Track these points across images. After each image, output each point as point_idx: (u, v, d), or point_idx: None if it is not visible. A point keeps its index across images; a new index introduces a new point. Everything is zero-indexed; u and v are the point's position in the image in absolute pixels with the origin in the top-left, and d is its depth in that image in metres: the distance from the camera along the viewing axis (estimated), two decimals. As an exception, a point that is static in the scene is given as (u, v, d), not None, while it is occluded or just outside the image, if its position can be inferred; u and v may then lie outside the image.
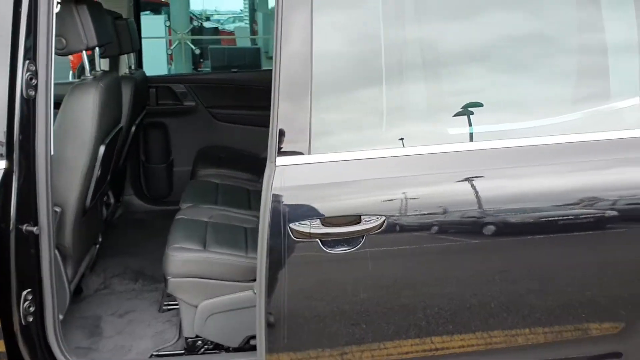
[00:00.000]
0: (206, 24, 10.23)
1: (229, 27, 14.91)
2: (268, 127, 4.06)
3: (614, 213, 1.86)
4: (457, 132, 1.96)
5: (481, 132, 1.96)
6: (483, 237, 1.84)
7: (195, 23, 7.64)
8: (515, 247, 1.88)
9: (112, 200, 3.34)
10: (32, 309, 2.02)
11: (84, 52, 2.36)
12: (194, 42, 7.26)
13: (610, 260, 1.92)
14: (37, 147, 1.98)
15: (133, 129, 3.18)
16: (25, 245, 2.00)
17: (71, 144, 2.27)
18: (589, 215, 1.87)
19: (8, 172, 1.92)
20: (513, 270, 1.90)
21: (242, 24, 15.91)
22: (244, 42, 10.32)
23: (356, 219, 1.78)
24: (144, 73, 3.48)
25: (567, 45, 2.04)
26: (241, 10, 17.94)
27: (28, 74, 1.93)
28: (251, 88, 4.07)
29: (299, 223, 1.76)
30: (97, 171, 2.44)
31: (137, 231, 3.71)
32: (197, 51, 7.01)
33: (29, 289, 2.01)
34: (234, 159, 3.83)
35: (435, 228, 1.82)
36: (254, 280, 2.33)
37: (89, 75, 2.42)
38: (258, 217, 2.86)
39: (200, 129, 4.03)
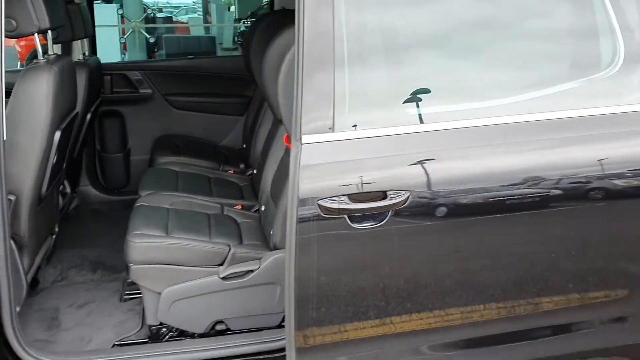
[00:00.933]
0: (159, 15, 10.03)
1: (182, 18, 14.68)
2: (226, 114, 4.07)
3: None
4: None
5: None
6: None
7: (148, 12, 7.49)
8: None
9: (67, 190, 3.25)
10: None
11: (35, 35, 2.27)
12: (147, 31, 7.10)
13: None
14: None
15: (88, 116, 3.09)
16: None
17: (25, 129, 2.19)
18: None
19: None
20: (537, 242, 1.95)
21: (195, 15, 15.67)
22: (197, 32, 10.19)
23: (382, 195, 1.81)
24: (98, 60, 3.39)
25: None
26: (194, 2, 17.66)
27: (-22, 56, 1.86)
28: (208, 75, 4.02)
29: (328, 199, 1.78)
30: (52, 158, 2.36)
31: (95, 222, 3.62)
32: (152, 39, 6.87)
33: (-18, 282, 1.94)
34: (192, 147, 3.77)
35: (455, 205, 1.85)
36: (220, 264, 2.34)
37: (41, 58, 2.33)
38: (221, 204, 2.87)
39: (156, 117, 3.96)
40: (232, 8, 12.73)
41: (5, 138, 1.95)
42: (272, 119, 3.25)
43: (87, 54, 3.31)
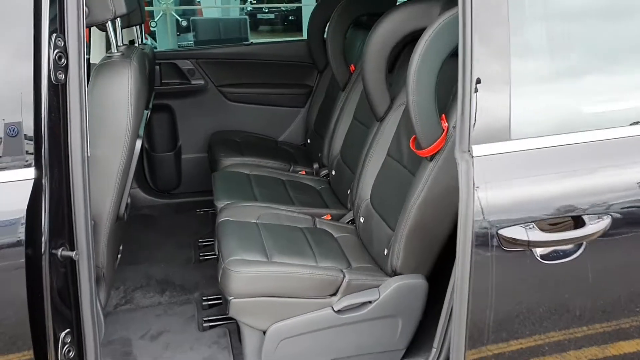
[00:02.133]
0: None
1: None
2: (286, 106, 3.67)
3: None
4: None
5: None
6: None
7: None
8: None
9: (129, 200, 2.87)
10: (71, 354, 1.59)
11: (109, 23, 1.88)
12: (178, 13, 6.61)
13: None
14: (72, 148, 1.53)
15: (147, 114, 2.70)
16: (61, 275, 1.55)
17: (105, 139, 1.81)
18: None
19: (38, 183, 1.46)
20: None
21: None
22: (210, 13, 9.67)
23: (577, 221, 1.47)
24: (152, 47, 2.99)
25: None
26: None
27: (56, 51, 1.46)
28: (265, 63, 3.61)
29: (510, 228, 1.43)
30: (133, 172, 1.99)
31: (149, 231, 3.25)
32: (184, 23, 6.39)
33: (68, 330, 1.58)
34: (254, 145, 3.39)
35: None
36: (332, 295, 1.97)
37: (115, 51, 1.93)
38: (310, 215, 2.50)
39: (210, 110, 3.56)
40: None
41: (89, 154, 1.56)
42: (352, 113, 2.86)
43: (142, 41, 2.90)
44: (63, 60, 1.48)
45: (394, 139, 2.29)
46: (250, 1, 16.10)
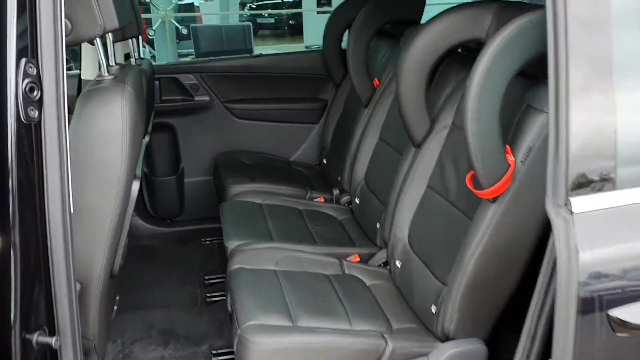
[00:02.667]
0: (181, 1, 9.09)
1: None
2: (298, 122, 3.32)
3: None
4: None
5: None
6: None
7: None
8: None
9: (126, 240, 2.53)
10: None
11: (97, 39, 1.53)
12: (177, 21, 6.23)
13: None
14: (50, 203, 1.18)
15: (147, 139, 2.36)
16: (38, 366, 1.21)
17: (93, 185, 1.46)
18: None
19: (4, 253, 1.12)
20: None
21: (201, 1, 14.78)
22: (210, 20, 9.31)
23: None
24: (150, 62, 2.65)
25: None
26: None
27: (27, 81, 1.12)
28: (276, 75, 3.27)
29: (625, 307, 1.11)
30: (128, 220, 1.64)
31: (149, 265, 2.90)
32: (184, 31, 6.04)
33: None
34: (265, 167, 3.04)
35: None
36: (371, 367, 1.62)
37: (105, 73, 1.59)
38: (336, 257, 2.16)
39: (216, 129, 3.22)
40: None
41: (72, 210, 1.22)
42: (378, 133, 2.52)
43: (138, 55, 2.56)
44: (36, 92, 1.14)
45: (436, 169, 1.95)
46: (250, 6, 15.81)
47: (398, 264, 2.00)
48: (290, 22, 15.97)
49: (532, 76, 1.61)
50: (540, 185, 1.53)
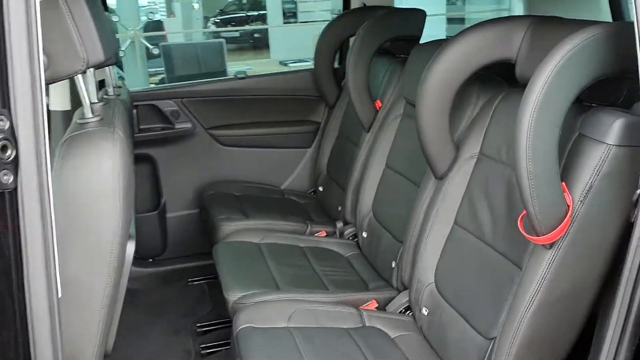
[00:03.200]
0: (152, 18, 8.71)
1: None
2: (289, 147, 3.09)
3: None
4: None
5: None
6: None
7: (147, 17, 6.30)
8: None
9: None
10: None
11: (79, 77, 1.28)
12: (148, 40, 5.92)
13: None
14: (31, 291, 0.93)
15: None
16: None
17: (81, 254, 1.20)
18: None
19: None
20: None
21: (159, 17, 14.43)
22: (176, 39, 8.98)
23: None
24: (128, 91, 2.38)
25: None
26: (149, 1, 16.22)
27: (-3, 139, 0.87)
28: (263, 98, 3.03)
29: None
30: (123, 290, 1.39)
31: (133, 312, 2.61)
32: (156, 51, 5.71)
33: None
34: (257, 199, 2.80)
35: None
36: None
37: (89, 114, 1.33)
38: (350, 305, 1.93)
39: (200, 158, 2.96)
40: (197, 6, 11.60)
41: (60, 294, 0.97)
42: (385, 160, 2.30)
43: (114, 84, 2.28)
44: (9, 152, 0.89)
45: (464, 204, 1.74)
46: (215, 20, 15.54)
47: (425, 311, 1.78)
48: (255, 35, 15.77)
49: (583, 100, 1.42)
50: (602, 226, 1.35)
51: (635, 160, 1.30)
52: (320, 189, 2.91)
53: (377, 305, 1.97)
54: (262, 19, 15.18)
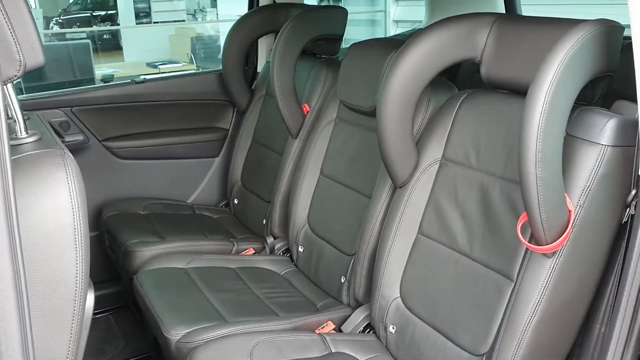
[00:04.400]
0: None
1: None
2: (194, 157, 2.83)
3: None
4: None
5: None
6: None
7: None
8: None
9: None
10: None
11: (8, 85, 0.98)
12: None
13: None
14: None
15: None
16: None
17: (37, 316, 0.90)
18: None
19: None
20: None
21: None
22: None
23: None
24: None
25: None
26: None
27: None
28: (165, 104, 2.73)
29: None
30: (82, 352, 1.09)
31: None
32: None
33: None
34: (167, 219, 2.50)
35: None
36: None
37: (24, 133, 1.03)
38: (307, 329, 1.75)
39: (95, 174, 2.58)
40: (34, 4, 10.62)
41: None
42: (319, 169, 2.16)
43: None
44: None
45: (429, 213, 1.64)
46: (57, 20, 14.30)
47: (392, 329, 1.66)
48: (105, 36, 14.80)
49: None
50: (599, 229, 1.31)
51: (627, 160, 1.28)
52: (235, 201, 2.68)
53: (333, 326, 1.82)
54: (111, 19, 14.29)
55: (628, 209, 1.28)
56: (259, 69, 2.82)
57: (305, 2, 2.82)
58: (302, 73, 2.37)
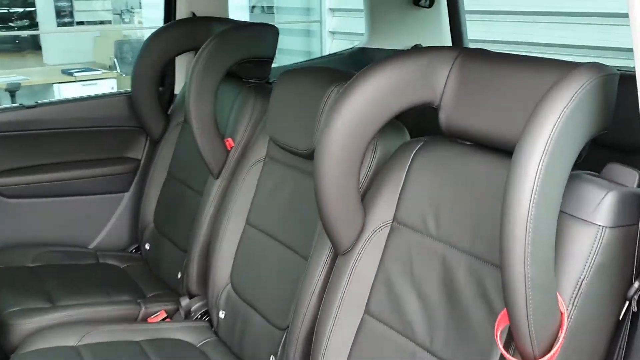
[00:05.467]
0: None
1: None
2: (99, 193, 2.43)
3: None
4: None
5: None
6: None
7: None
8: None
9: None
10: None
11: None
12: None
13: None
14: None
15: None
16: None
17: None
18: None
19: None
20: None
21: None
22: None
23: None
24: None
25: None
26: None
27: None
28: (63, 132, 2.30)
29: None
30: None
31: None
32: None
33: None
34: (60, 271, 2.08)
35: None
36: None
37: None
38: None
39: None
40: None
41: None
42: (245, 217, 1.82)
43: None
44: None
45: (378, 287, 1.33)
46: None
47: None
48: (23, 35, 13.85)
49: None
50: (595, 330, 1.04)
51: (628, 242, 1.01)
52: (147, 246, 2.29)
53: None
54: (29, 17, 13.40)
55: (628, 303, 1.02)
56: (177, 90, 2.44)
57: (231, 16, 2.47)
58: (225, 101, 2.02)
